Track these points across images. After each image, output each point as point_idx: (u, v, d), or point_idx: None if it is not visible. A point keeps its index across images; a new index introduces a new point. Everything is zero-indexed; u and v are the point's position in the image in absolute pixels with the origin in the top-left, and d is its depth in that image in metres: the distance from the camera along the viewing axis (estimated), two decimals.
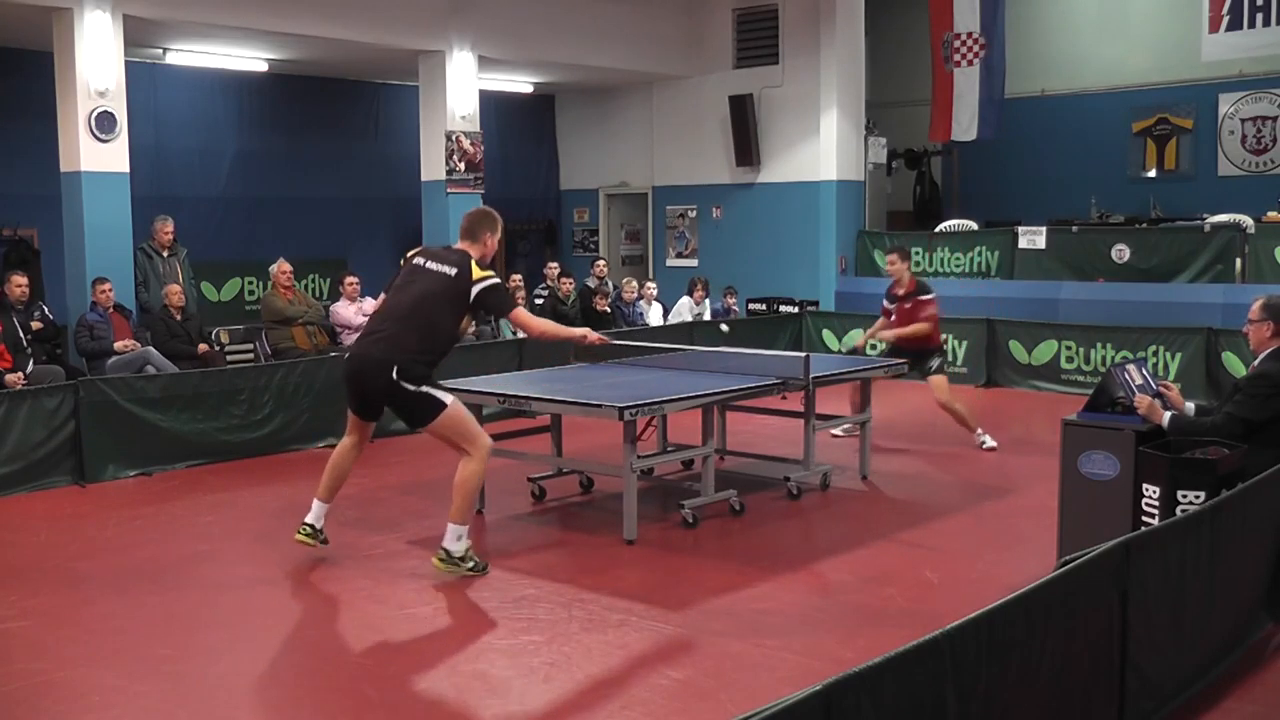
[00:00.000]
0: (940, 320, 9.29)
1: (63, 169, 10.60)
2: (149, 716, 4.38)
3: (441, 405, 5.80)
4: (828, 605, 5.61)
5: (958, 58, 14.32)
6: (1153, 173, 16.01)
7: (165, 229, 11.22)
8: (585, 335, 6.69)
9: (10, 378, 8.87)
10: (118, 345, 9.96)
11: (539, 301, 12.94)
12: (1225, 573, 4.43)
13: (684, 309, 13.68)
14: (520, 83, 15.79)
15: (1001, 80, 14.37)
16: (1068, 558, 3.64)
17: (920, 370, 8.99)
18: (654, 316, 13.67)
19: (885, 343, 9.35)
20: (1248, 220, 12.80)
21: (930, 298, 9.13)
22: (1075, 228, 13.88)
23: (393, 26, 12.66)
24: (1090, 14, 16.49)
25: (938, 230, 14.76)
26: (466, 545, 5.89)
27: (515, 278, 13.18)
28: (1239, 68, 14.65)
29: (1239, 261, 12.26)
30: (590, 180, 17.29)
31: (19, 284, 9.85)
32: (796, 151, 14.90)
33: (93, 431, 8.11)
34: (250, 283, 13.92)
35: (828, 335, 13.80)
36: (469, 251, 5.99)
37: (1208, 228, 12.84)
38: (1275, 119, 15.00)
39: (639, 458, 6.67)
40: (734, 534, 6.85)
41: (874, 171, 15.36)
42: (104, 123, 10.47)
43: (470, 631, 5.33)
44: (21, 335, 9.52)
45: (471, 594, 5.69)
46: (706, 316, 13.66)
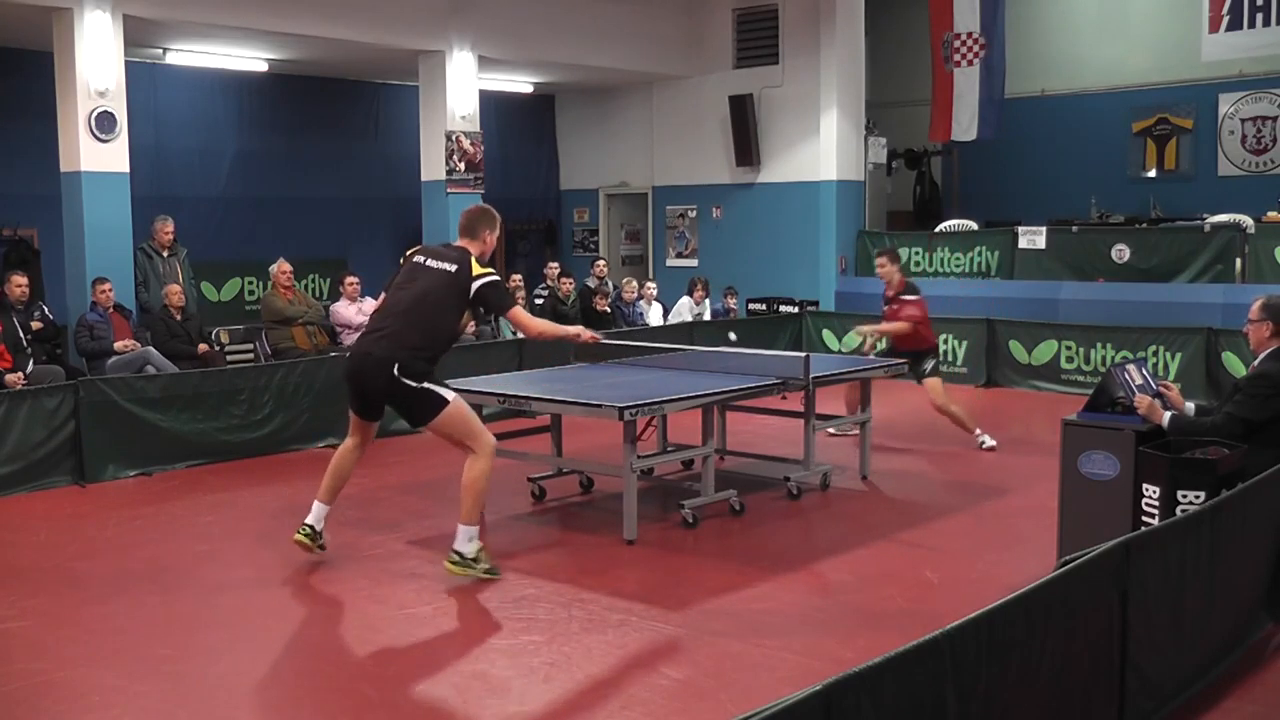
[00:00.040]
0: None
1: (63, 169, 10.61)
2: (149, 716, 4.38)
3: (443, 402, 5.79)
4: (828, 605, 5.61)
5: (958, 58, 14.32)
6: (1153, 173, 16.01)
7: (165, 229, 11.22)
8: (579, 334, 6.71)
9: (10, 378, 8.87)
10: (118, 345, 9.96)
11: (539, 301, 12.94)
12: (1225, 573, 4.43)
13: (684, 309, 13.68)
14: (520, 83, 15.79)
15: (1001, 80, 14.37)
16: (1068, 558, 3.64)
17: (915, 373, 9.01)
18: (654, 316, 13.67)
19: (873, 338, 9.38)
20: (1248, 220, 12.79)
21: (912, 298, 9.15)
22: (1075, 228, 13.88)
23: (393, 26, 12.67)
24: (1090, 14, 16.49)
25: (938, 230, 14.76)
26: (478, 546, 5.85)
27: (515, 278, 13.18)
28: (1239, 68, 14.65)
29: (1239, 261, 12.25)
30: (590, 180, 17.29)
31: (19, 284, 9.85)
32: (796, 151, 14.90)
33: (93, 431, 8.12)
34: (250, 283, 13.92)
35: (828, 335, 13.79)
36: (469, 249, 6.00)
37: (1208, 228, 12.84)
38: (1275, 119, 15.00)
39: (639, 458, 6.67)
40: (734, 534, 6.85)
41: (874, 171, 15.36)
42: (104, 123, 10.47)
43: (470, 631, 5.33)
44: (21, 335, 9.53)
45: (471, 594, 5.69)
46: (706, 316, 13.66)
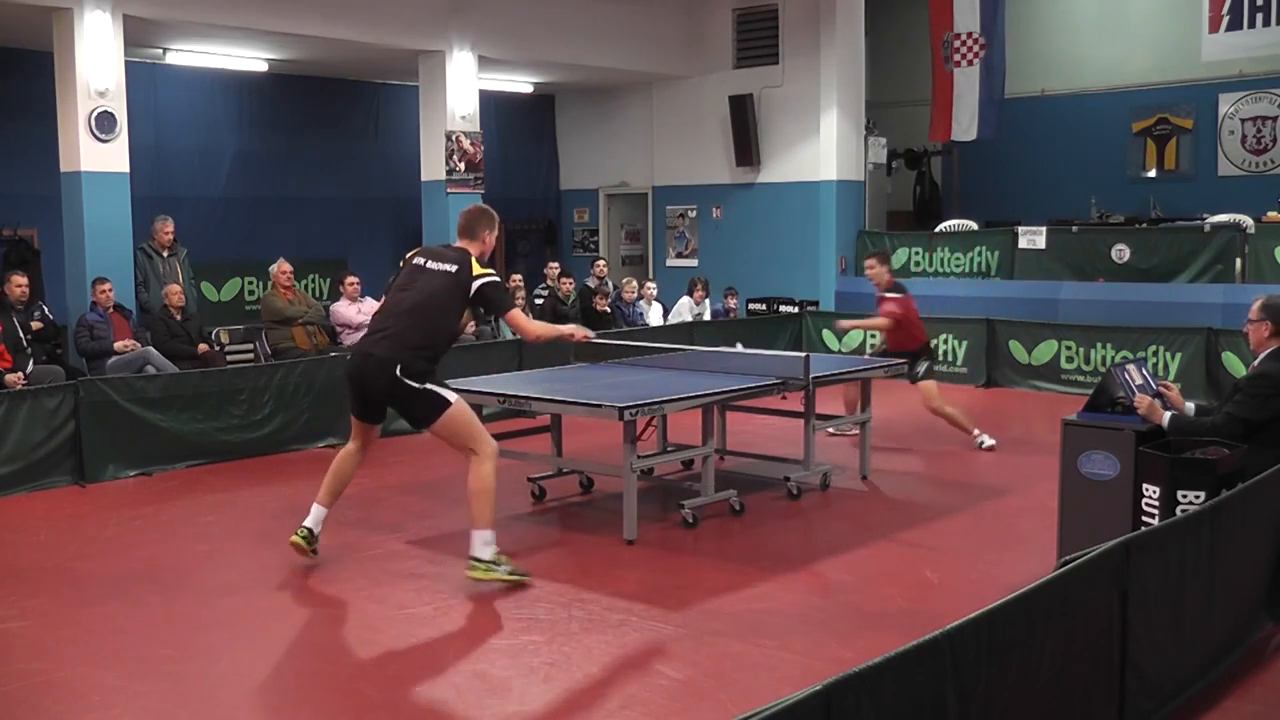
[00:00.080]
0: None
1: (63, 169, 10.60)
2: (149, 716, 4.38)
3: (445, 404, 5.78)
4: (828, 605, 5.61)
5: (958, 58, 14.32)
6: (1153, 173, 16.01)
7: (165, 229, 11.22)
8: (573, 333, 6.69)
9: (10, 378, 8.87)
10: (118, 345, 9.96)
11: (539, 301, 12.93)
12: (1225, 573, 4.43)
13: (684, 309, 13.68)
14: (520, 83, 15.78)
15: (1001, 80, 14.37)
16: (1068, 558, 3.64)
17: (909, 375, 8.99)
18: (654, 316, 13.67)
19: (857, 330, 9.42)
20: (1248, 220, 12.79)
21: (891, 296, 9.21)
22: (1075, 228, 13.87)
23: (393, 26, 12.66)
24: (1090, 14, 16.49)
25: (938, 230, 14.76)
26: (495, 550, 5.78)
27: (515, 278, 13.16)
28: (1239, 68, 14.65)
29: (1239, 261, 12.25)
30: (590, 180, 17.29)
31: (19, 284, 9.85)
32: (796, 151, 14.90)
33: (93, 431, 8.12)
34: (250, 283, 13.92)
35: (828, 335, 13.79)
36: (469, 250, 6.01)
37: (1208, 228, 12.84)
38: (1275, 119, 14.99)
39: (639, 458, 6.67)
40: (734, 534, 6.85)
41: (874, 171, 15.35)
42: (104, 123, 10.47)
43: (470, 631, 5.33)
44: (21, 335, 9.53)
45: (471, 594, 5.69)
46: (706, 316, 13.67)
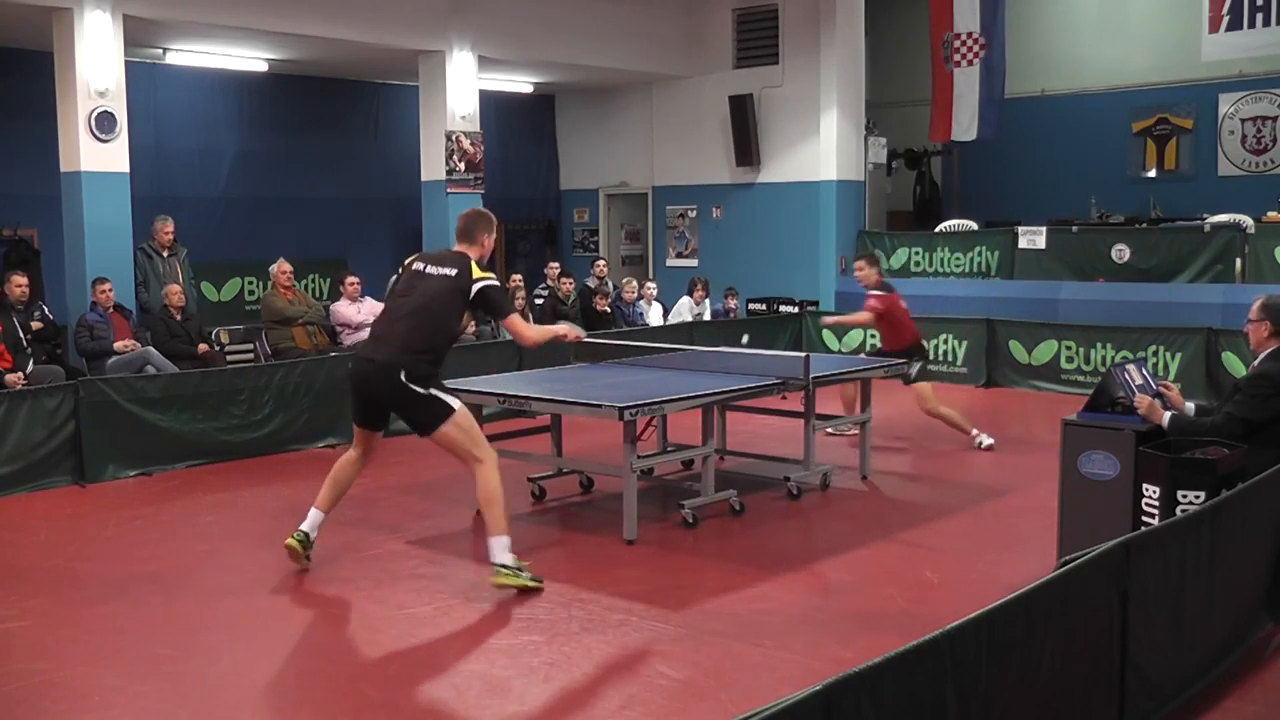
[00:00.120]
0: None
1: (63, 169, 10.60)
2: (149, 716, 4.38)
3: (449, 409, 5.77)
4: (828, 605, 5.61)
5: (958, 58, 14.32)
6: (1153, 173, 16.01)
7: (165, 229, 11.22)
8: (566, 333, 6.67)
9: (10, 378, 8.87)
10: (118, 345, 9.96)
11: (539, 301, 12.94)
12: (1225, 573, 4.43)
13: (684, 309, 13.68)
14: (520, 83, 15.78)
15: (1001, 80, 14.36)
16: (1068, 558, 3.64)
17: (903, 377, 8.94)
18: (654, 316, 13.67)
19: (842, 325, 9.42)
20: (1248, 220, 12.79)
21: (874, 294, 9.22)
22: (1075, 228, 13.87)
23: (393, 26, 12.66)
24: (1090, 14, 16.49)
25: (938, 230, 14.76)
26: (513, 556, 5.75)
27: (515, 278, 13.17)
28: (1239, 68, 14.65)
29: (1239, 261, 12.25)
30: (590, 180, 17.28)
31: (19, 284, 9.85)
32: (796, 151, 14.89)
33: (93, 431, 8.12)
34: (250, 283, 13.92)
35: (827, 335, 13.79)
36: (468, 253, 6.01)
37: (1208, 228, 12.84)
38: (1275, 119, 14.99)
39: (639, 458, 6.67)
40: (734, 534, 6.85)
41: (874, 171, 15.35)
42: (104, 123, 10.47)
43: (470, 631, 5.33)
44: (21, 335, 9.53)
45: (471, 594, 5.69)
46: (706, 316, 13.66)
